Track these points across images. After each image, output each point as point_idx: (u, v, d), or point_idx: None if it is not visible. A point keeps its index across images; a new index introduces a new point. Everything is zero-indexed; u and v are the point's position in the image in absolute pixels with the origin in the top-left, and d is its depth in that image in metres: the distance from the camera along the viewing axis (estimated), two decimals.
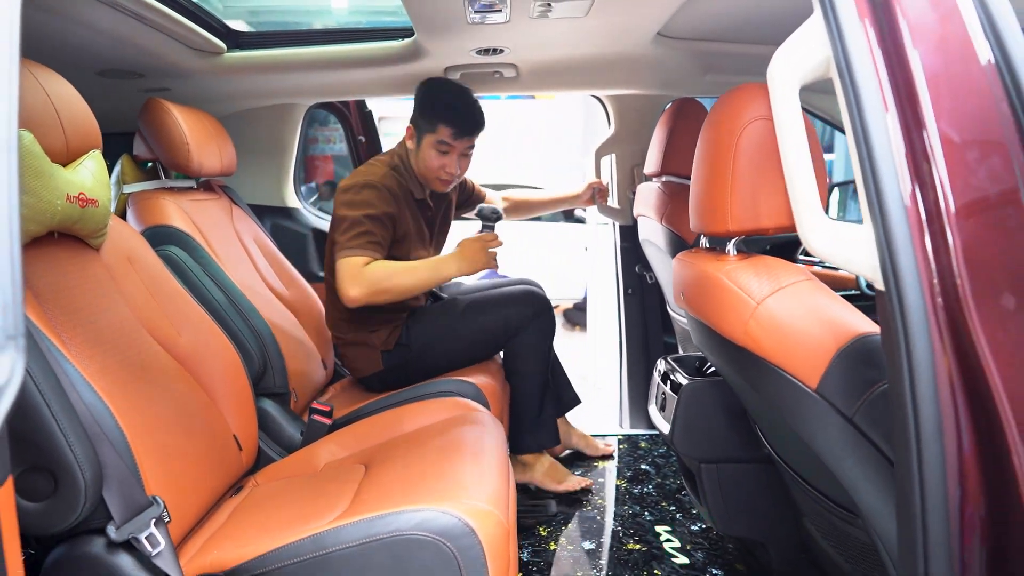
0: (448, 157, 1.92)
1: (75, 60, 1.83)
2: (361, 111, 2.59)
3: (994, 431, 0.69)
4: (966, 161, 0.72)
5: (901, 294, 0.71)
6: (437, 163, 1.92)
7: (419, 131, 1.93)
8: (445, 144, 1.90)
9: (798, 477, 1.20)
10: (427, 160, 1.92)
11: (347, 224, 1.80)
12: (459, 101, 1.94)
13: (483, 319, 1.95)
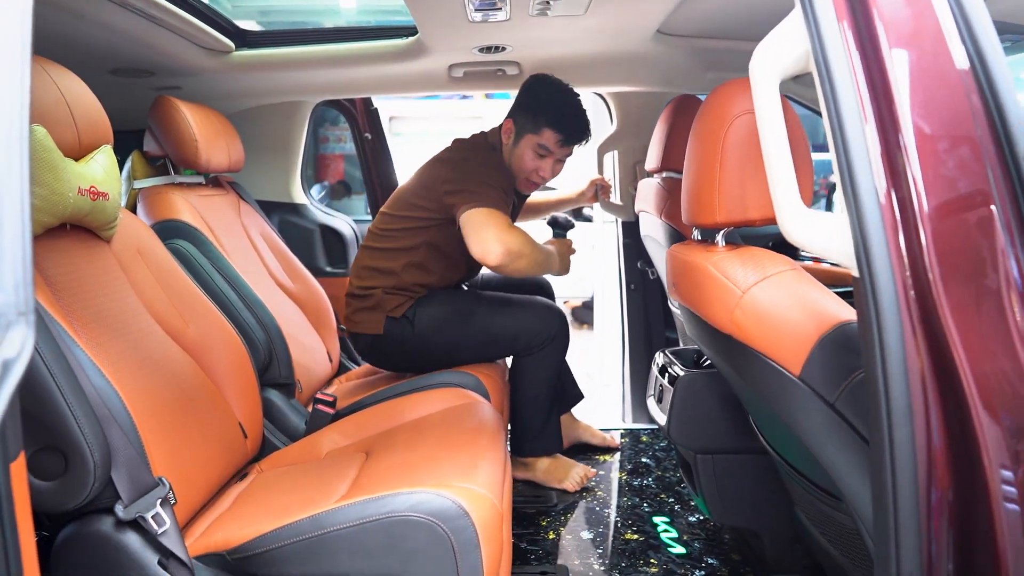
0: (545, 161, 1.88)
1: (88, 59, 1.88)
2: (367, 109, 2.63)
3: (963, 416, 0.72)
4: (937, 153, 0.74)
5: (874, 281, 0.74)
6: (532, 165, 1.87)
7: (519, 128, 1.88)
8: (546, 149, 1.86)
9: (787, 464, 1.22)
10: (522, 160, 1.87)
11: (481, 183, 1.73)
12: (568, 107, 1.88)
13: (495, 320, 1.88)
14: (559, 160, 1.92)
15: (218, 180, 2.16)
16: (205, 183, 2.07)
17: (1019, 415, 0.71)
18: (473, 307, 1.90)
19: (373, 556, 1.04)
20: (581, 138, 1.90)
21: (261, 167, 2.48)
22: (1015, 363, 0.72)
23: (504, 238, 1.65)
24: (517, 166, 1.90)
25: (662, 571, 1.61)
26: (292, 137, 2.49)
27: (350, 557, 1.04)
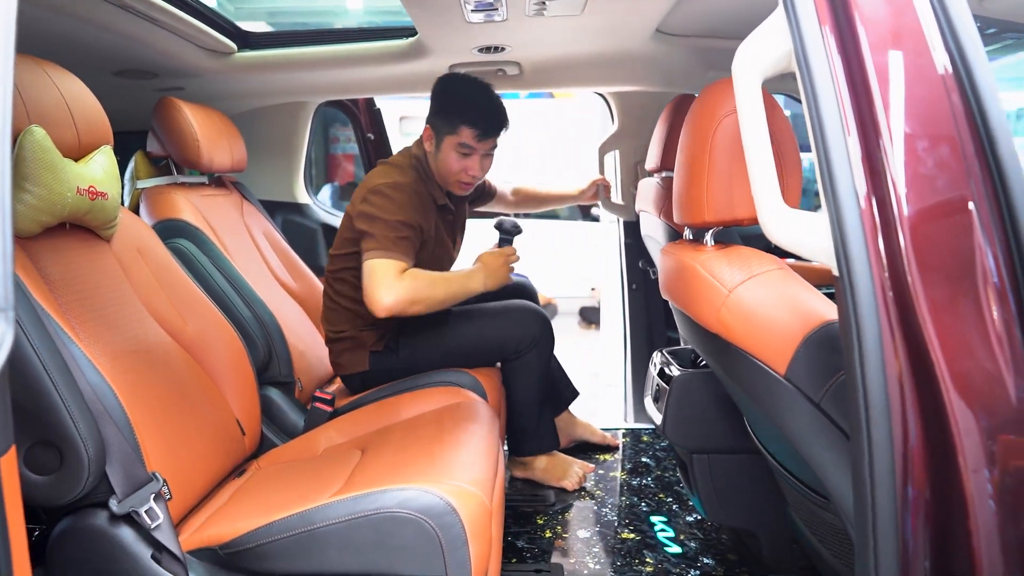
0: (470, 159, 1.82)
1: (92, 61, 1.91)
2: (370, 109, 2.64)
3: (940, 415, 0.72)
4: (917, 153, 0.74)
5: (852, 280, 0.74)
6: (458, 166, 1.82)
7: (438, 132, 1.83)
8: (467, 147, 1.80)
9: (778, 464, 1.22)
10: (447, 163, 1.82)
11: (382, 225, 1.70)
12: (481, 99, 1.82)
13: (476, 332, 1.88)
14: (485, 155, 1.86)
15: (221, 180, 2.18)
16: (208, 183, 2.09)
17: (996, 415, 0.71)
18: (454, 324, 1.89)
19: (362, 552, 1.05)
20: (498, 129, 1.83)
21: (265, 167, 2.50)
22: (992, 363, 0.71)
23: (392, 290, 1.65)
24: (444, 170, 1.84)
25: (657, 570, 1.61)
26: (295, 137, 2.52)
27: (339, 553, 1.05)
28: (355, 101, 2.62)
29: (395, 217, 1.72)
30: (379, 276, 1.66)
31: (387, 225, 1.71)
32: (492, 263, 1.81)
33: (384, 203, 1.73)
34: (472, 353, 1.87)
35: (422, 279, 1.70)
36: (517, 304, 1.94)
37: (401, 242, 1.71)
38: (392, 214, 1.72)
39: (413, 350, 1.87)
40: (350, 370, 1.89)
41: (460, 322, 1.90)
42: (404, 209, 1.74)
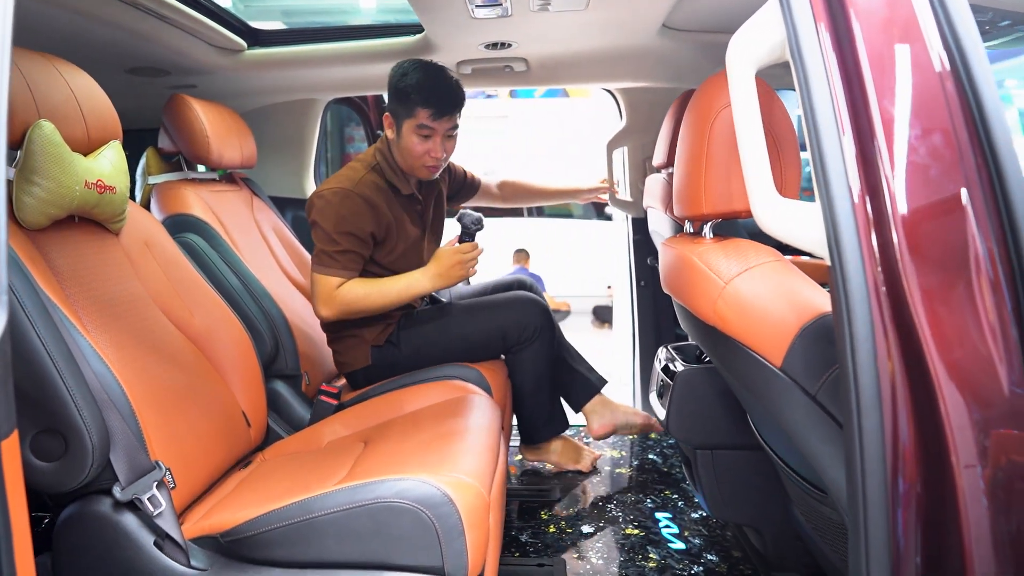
0: (431, 141, 1.81)
1: (106, 58, 1.94)
2: (379, 106, 2.66)
3: (932, 407, 0.71)
4: (910, 141, 0.74)
5: (843, 269, 0.73)
6: (421, 149, 1.81)
7: (397, 118, 1.83)
8: (426, 127, 1.78)
9: (778, 459, 1.21)
10: (410, 148, 1.81)
11: (322, 236, 1.76)
12: (433, 79, 1.79)
13: (477, 326, 1.89)
14: (447, 136, 1.84)
15: (232, 177, 2.20)
16: (219, 179, 2.12)
17: (989, 407, 0.70)
18: (455, 317, 1.90)
19: (360, 541, 1.06)
20: (454, 107, 1.82)
21: (276, 164, 2.52)
22: (986, 354, 0.71)
23: (327, 305, 1.76)
24: (408, 155, 1.84)
25: (660, 566, 1.61)
26: (305, 134, 2.54)
27: (337, 542, 1.06)
28: (364, 98, 2.64)
29: (335, 228, 1.76)
30: (317, 291, 1.77)
31: (326, 238, 1.76)
32: (445, 261, 1.79)
33: (324, 211, 1.77)
34: (474, 345, 1.88)
35: (355, 292, 1.77)
36: (517, 295, 1.96)
37: (339, 256, 1.76)
38: (332, 225, 1.76)
39: (414, 344, 1.87)
40: (353, 366, 1.89)
41: (461, 315, 1.91)
42: (345, 219, 1.76)
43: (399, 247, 1.88)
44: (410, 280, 1.80)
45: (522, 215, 8.74)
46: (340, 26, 2.10)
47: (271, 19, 2.11)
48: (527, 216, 8.63)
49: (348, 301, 1.76)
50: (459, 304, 1.96)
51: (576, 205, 8.65)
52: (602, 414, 2.12)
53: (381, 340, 1.88)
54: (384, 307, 1.80)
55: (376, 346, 1.88)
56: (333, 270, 1.75)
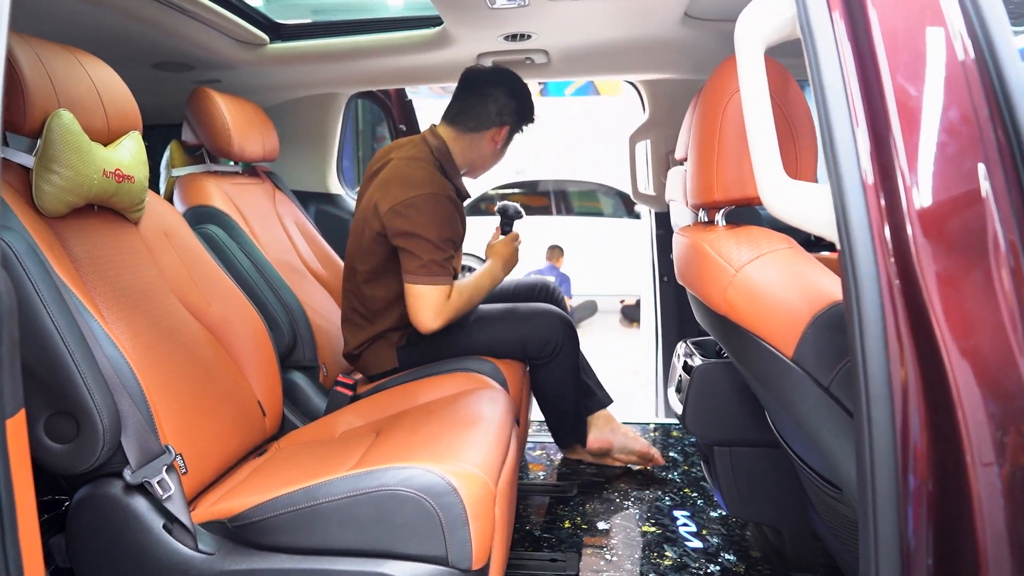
0: (502, 153, 1.93)
1: (133, 53, 1.98)
2: (401, 100, 2.66)
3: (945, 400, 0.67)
4: (925, 116, 0.70)
5: (852, 251, 0.70)
6: (496, 158, 1.92)
7: (512, 129, 1.89)
8: (508, 143, 1.91)
9: (793, 454, 1.18)
10: (489, 152, 1.88)
11: (424, 246, 1.68)
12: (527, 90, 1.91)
13: (498, 334, 1.87)
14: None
15: (255, 170, 2.23)
16: (241, 172, 2.14)
17: (1006, 400, 0.67)
18: (476, 322, 1.89)
19: (363, 529, 1.05)
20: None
21: (299, 158, 2.54)
22: (1003, 343, 0.67)
23: (441, 315, 1.71)
24: (480, 159, 1.88)
25: (676, 564, 1.58)
26: (327, 129, 2.55)
27: (341, 529, 1.06)
28: (387, 93, 2.65)
29: (439, 236, 1.70)
30: (428, 302, 1.70)
31: (431, 247, 1.69)
32: (504, 251, 1.89)
33: (424, 221, 1.69)
34: (494, 352, 1.86)
35: (464, 295, 1.78)
36: (541, 308, 1.94)
37: (444, 264, 1.72)
38: (436, 232, 1.70)
39: (434, 347, 1.85)
40: (379, 369, 1.86)
41: (483, 321, 1.89)
42: (445, 225, 1.72)
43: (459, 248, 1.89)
44: (492, 272, 1.87)
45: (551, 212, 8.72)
46: (359, 19, 2.10)
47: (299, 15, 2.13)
48: (555, 214, 8.60)
49: (457, 308, 1.75)
50: (481, 308, 1.94)
51: (606, 203, 8.60)
52: (602, 428, 2.09)
53: (404, 340, 1.88)
54: (478, 303, 1.85)
55: (400, 346, 1.87)
56: (441, 279, 1.71)
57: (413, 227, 1.69)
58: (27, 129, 1.19)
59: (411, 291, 1.71)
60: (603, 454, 2.09)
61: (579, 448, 2.12)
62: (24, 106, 1.17)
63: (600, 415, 2.11)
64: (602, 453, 2.09)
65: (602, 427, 2.09)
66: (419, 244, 1.69)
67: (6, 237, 1.04)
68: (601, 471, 2.10)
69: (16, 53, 1.17)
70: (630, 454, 2.07)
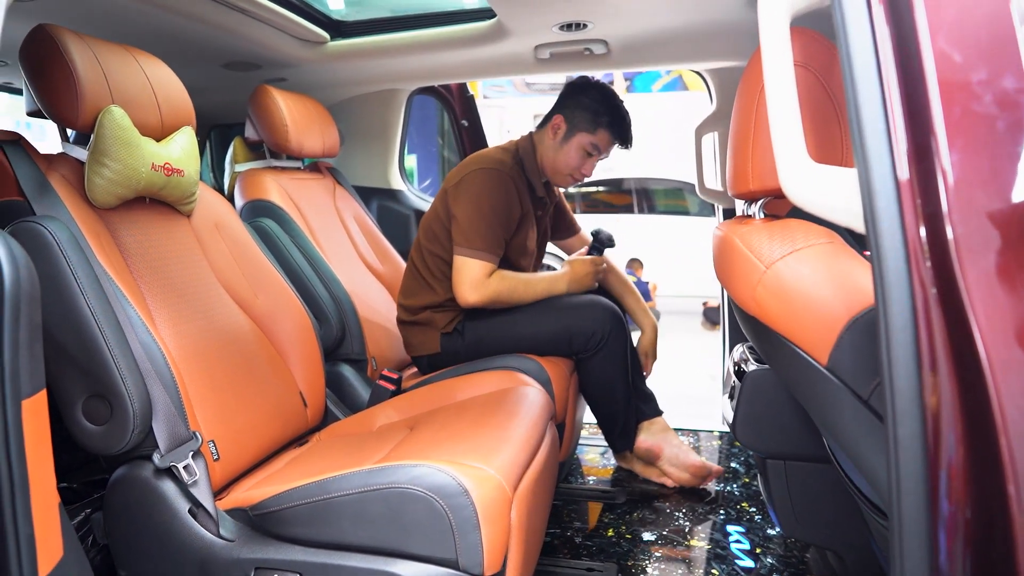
0: (591, 160, 1.92)
1: (203, 55, 2.06)
2: (463, 96, 2.65)
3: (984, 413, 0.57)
4: (969, 86, 0.60)
5: (879, 243, 0.61)
6: (577, 163, 1.90)
7: (572, 126, 1.89)
8: (596, 149, 1.89)
9: (843, 472, 1.06)
10: (568, 157, 1.89)
11: (472, 215, 1.76)
12: (623, 111, 1.91)
13: (543, 325, 1.84)
14: (599, 160, 1.94)
15: (317, 166, 2.28)
16: (303, 168, 2.20)
17: None
18: (521, 313, 1.86)
19: (375, 525, 1.03)
20: (629, 143, 1.93)
21: (361, 155, 2.58)
22: None
23: (478, 291, 1.76)
24: (561, 162, 1.89)
25: None
26: (389, 125, 2.58)
27: (352, 524, 1.04)
28: (448, 88, 2.64)
29: (490, 207, 1.77)
30: (468, 274, 1.77)
31: (478, 216, 1.77)
32: (580, 270, 1.89)
33: (480, 190, 1.79)
34: (539, 343, 1.83)
35: (508, 283, 1.79)
36: (590, 299, 1.87)
37: (493, 238, 1.77)
38: (488, 203, 1.78)
39: (478, 337, 1.86)
40: (421, 351, 1.91)
41: (528, 312, 1.86)
42: (500, 200, 1.78)
43: (517, 243, 1.90)
44: (552, 280, 1.87)
45: (633, 211, 8.54)
46: (414, 14, 2.10)
47: (366, 9, 2.15)
48: (638, 213, 8.42)
49: (499, 291, 1.78)
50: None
51: (692, 202, 8.34)
52: (654, 434, 1.98)
53: (450, 328, 1.89)
54: (525, 302, 1.84)
55: (445, 333, 1.88)
56: (484, 254, 1.77)
57: (467, 194, 1.79)
58: (80, 124, 1.25)
59: (455, 262, 1.79)
60: (650, 461, 1.99)
61: (629, 455, 2.03)
62: (77, 103, 1.23)
63: (655, 421, 2.01)
64: (649, 460, 1.99)
65: (655, 432, 1.99)
66: (466, 213, 1.78)
67: (50, 226, 1.09)
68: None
69: (72, 52, 1.23)
70: (681, 468, 1.94)
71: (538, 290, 1.84)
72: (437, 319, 1.90)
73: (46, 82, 1.22)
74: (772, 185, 0.94)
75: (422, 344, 1.90)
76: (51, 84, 1.22)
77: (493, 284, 1.76)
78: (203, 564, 1.08)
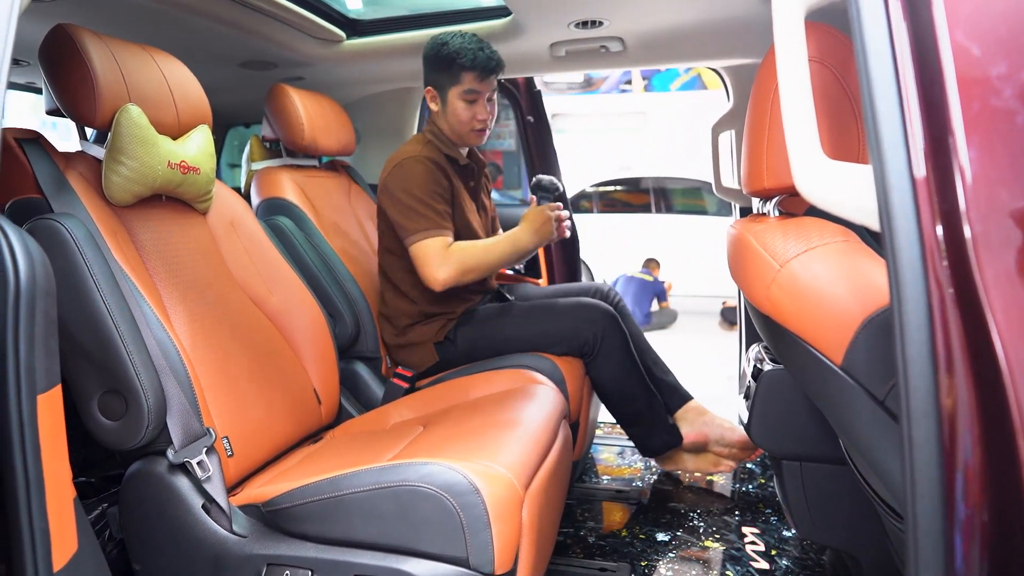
0: (477, 105, 1.86)
1: (220, 54, 2.08)
2: (530, 91, 2.58)
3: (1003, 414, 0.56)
4: (986, 80, 0.59)
5: (894, 242, 0.60)
6: (468, 114, 1.86)
7: (441, 89, 1.88)
8: (472, 92, 1.84)
9: (859, 475, 1.05)
10: (457, 115, 1.87)
11: (407, 206, 1.77)
12: (474, 44, 1.84)
13: (534, 330, 1.83)
14: (489, 99, 1.88)
15: (333, 164, 2.29)
16: (319, 166, 2.21)
17: None
18: (511, 318, 1.85)
19: (385, 523, 1.03)
20: (496, 67, 1.86)
21: (377, 153, 2.59)
22: None
23: (444, 265, 1.72)
24: (456, 124, 1.88)
25: None
26: (404, 123, 2.58)
27: (363, 522, 1.05)
28: (515, 82, 2.58)
29: (423, 191, 1.77)
30: (428, 256, 1.73)
31: (418, 201, 1.76)
32: (537, 219, 1.82)
33: (406, 179, 1.79)
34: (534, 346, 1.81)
35: (470, 249, 1.76)
36: (580, 301, 1.86)
37: (436, 215, 1.76)
38: (420, 187, 1.78)
39: (469, 344, 1.84)
40: (420, 366, 1.87)
41: (519, 317, 1.85)
42: (428, 181, 1.79)
43: (461, 215, 1.88)
44: (513, 237, 1.82)
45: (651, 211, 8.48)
46: (431, 13, 2.10)
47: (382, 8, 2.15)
48: (655, 212, 8.36)
49: (464, 259, 1.74)
50: (520, 304, 1.91)
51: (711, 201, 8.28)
52: (692, 421, 1.97)
53: (441, 336, 1.87)
54: (496, 265, 1.79)
55: (438, 342, 1.87)
56: (435, 231, 1.75)
57: (397, 187, 1.79)
58: (98, 123, 1.27)
59: (412, 254, 1.76)
60: (700, 449, 1.97)
61: (676, 453, 1.98)
62: (95, 101, 1.24)
63: (689, 408, 2.00)
64: (699, 448, 1.96)
65: (693, 420, 1.97)
66: (404, 203, 1.77)
67: (67, 223, 1.10)
68: (669, 478, 1.99)
69: (90, 52, 1.24)
70: (730, 447, 1.94)
71: (503, 248, 1.79)
72: (426, 332, 1.88)
73: (64, 81, 1.24)
74: (787, 182, 0.92)
75: (421, 362, 1.87)
76: (69, 83, 1.23)
77: (455, 254, 1.73)
78: (216, 559, 1.09)
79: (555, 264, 2.63)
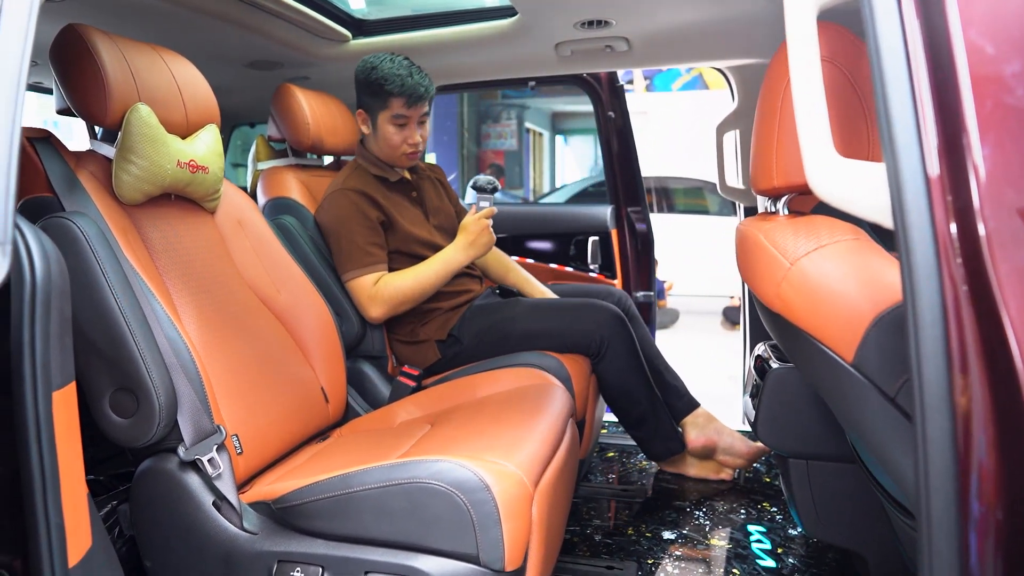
0: (407, 129, 1.88)
1: (227, 54, 2.09)
2: (612, 86, 2.53)
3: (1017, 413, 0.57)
4: (1000, 78, 0.59)
5: (908, 239, 0.60)
6: (398, 138, 1.88)
7: (370, 112, 1.90)
8: (401, 116, 1.86)
9: (868, 473, 1.05)
10: (388, 138, 1.88)
11: (336, 243, 1.82)
12: (402, 69, 1.86)
13: (538, 328, 1.82)
14: (420, 122, 1.90)
15: (339, 164, 2.29)
16: (326, 166, 2.21)
17: None
18: (515, 316, 1.85)
19: (395, 520, 1.04)
20: (425, 93, 1.87)
21: None
22: None
23: (375, 302, 1.79)
24: (387, 147, 1.90)
25: None
26: None
27: (373, 518, 1.05)
28: (596, 77, 2.53)
29: (344, 227, 1.81)
30: (359, 296, 1.79)
31: (345, 239, 1.81)
32: (473, 229, 1.83)
33: (330, 219, 1.84)
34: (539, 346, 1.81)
35: (397, 279, 1.80)
36: (586, 302, 1.86)
37: (362, 253, 1.80)
38: (343, 226, 1.81)
39: (473, 341, 1.84)
40: (425, 365, 1.88)
41: (523, 315, 1.85)
42: (350, 216, 1.82)
43: (404, 229, 1.89)
44: (444, 257, 1.84)
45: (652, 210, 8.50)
46: (436, 13, 2.11)
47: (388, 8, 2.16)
48: (656, 211, 8.37)
49: (392, 294, 1.78)
50: (526, 301, 1.92)
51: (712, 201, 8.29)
52: (703, 427, 1.97)
53: (443, 334, 1.88)
54: (429, 290, 1.82)
55: (440, 340, 1.88)
56: (365, 269, 1.80)
57: (326, 231, 1.85)
58: (108, 122, 1.27)
59: (348, 290, 1.81)
60: (707, 455, 1.97)
61: (680, 458, 1.99)
62: (106, 100, 1.25)
63: (699, 414, 2.01)
64: (706, 454, 1.97)
65: (703, 426, 1.98)
66: (334, 245, 1.83)
67: (79, 222, 1.11)
68: (675, 476, 2.00)
69: (100, 51, 1.25)
70: (737, 457, 1.94)
71: (432, 274, 1.81)
72: (428, 330, 1.89)
73: (75, 80, 1.24)
74: (797, 181, 0.93)
75: (425, 359, 1.88)
76: (80, 82, 1.24)
77: (383, 290, 1.78)
78: (227, 556, 1.10)
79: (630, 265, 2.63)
